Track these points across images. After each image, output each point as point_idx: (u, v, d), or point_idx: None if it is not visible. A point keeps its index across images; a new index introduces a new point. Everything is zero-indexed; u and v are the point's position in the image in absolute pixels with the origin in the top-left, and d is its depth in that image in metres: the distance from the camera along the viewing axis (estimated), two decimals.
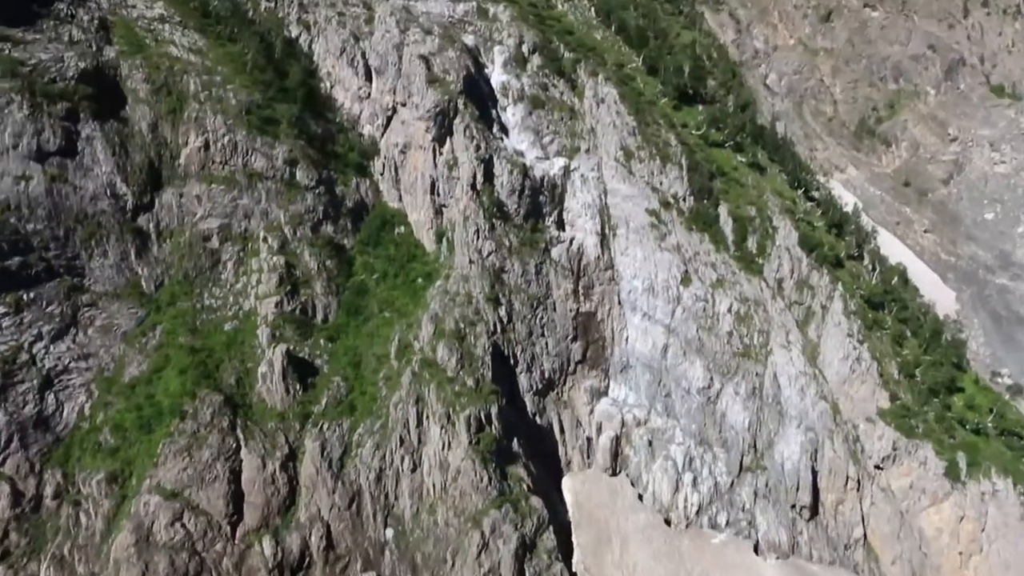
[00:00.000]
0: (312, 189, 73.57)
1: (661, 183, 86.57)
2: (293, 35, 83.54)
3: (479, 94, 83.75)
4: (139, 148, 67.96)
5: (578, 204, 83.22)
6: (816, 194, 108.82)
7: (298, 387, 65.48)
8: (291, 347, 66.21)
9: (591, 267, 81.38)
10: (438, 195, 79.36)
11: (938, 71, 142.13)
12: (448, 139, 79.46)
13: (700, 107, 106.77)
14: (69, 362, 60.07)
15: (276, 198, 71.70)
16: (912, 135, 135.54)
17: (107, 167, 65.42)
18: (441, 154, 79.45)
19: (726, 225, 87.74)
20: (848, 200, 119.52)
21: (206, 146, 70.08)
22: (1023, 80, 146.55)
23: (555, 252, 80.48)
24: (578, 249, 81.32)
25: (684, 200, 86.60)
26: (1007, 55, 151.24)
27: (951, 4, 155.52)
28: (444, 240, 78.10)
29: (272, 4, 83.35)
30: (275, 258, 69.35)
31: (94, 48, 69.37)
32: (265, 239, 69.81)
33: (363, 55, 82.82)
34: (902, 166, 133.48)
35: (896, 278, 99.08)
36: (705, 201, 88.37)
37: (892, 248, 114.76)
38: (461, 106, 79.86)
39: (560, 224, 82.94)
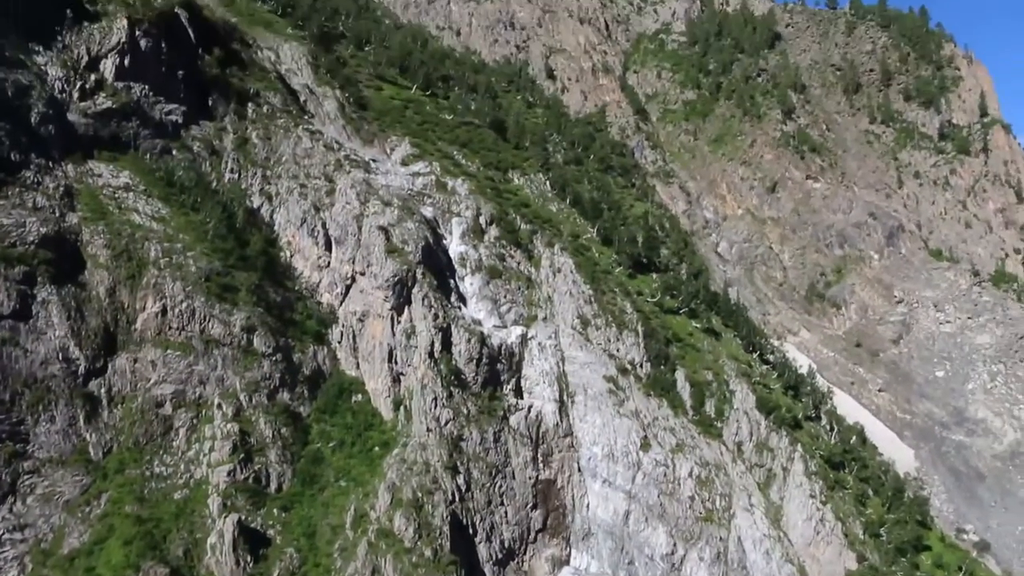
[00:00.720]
0: (269, 356, 73.17)
1: (618, 350, 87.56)
2: (255, 205, 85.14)
3: (437, 264, 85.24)
4: (95, 313, 67.51)
5: (536, 372, 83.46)
6: (771, 357, 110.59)
7: (249, 559, 62.73)
8: (243, 517, 63.92)
9: (550, 434, 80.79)
10: (396, 363, 79.20)
11: (880, 237, 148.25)
12: (406, 308, 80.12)
13: (654, 275, 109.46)
14: (3, 533, 57.30)
15: (232, 365, 71.10)
16: (860, 298, 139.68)
17: (61, 331, 64.68)
18: (399, 323, 79.88)
19: (684, 390, 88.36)
20: (802, 362, 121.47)
21: (163, 312, 69.88)
22: (958, 245, 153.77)
23: (513, 420, 79.96)
24: (537, 416, 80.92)
25: (641, 366, 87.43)
26: (941, 221, 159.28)
27: (887, 175, 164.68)
28: (402, 408, 77.36)
29: (236, 175, 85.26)
30: (229, 425, 67.96)
31: (57, 214, 69.93)
32: (220, 406, 68.66)
33: (323, 225, 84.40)
34: (853, 328, 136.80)
35: (854, 437, 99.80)
36: (662, 367, 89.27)
37: (848, 408, 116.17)
38: (420, 276, 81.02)
39: (518, 392, 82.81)
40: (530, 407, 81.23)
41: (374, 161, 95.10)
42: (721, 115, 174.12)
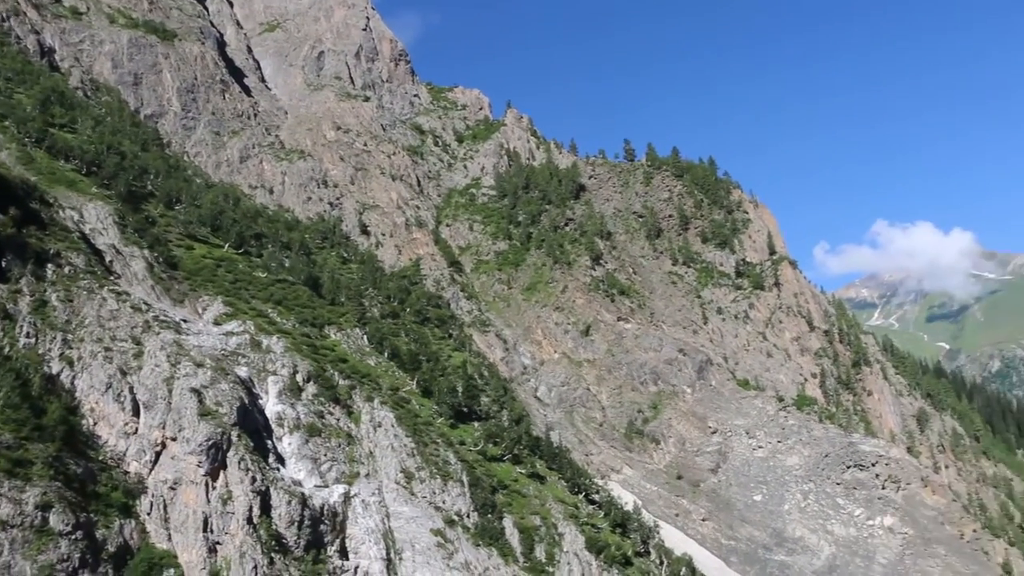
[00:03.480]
0: (67, 535, 67.36)
1: (444, 501, 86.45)
2: (54, 371, 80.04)
3: (254, 425, 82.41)
4: None
5: (361, 530, 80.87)
6: (596, 497, 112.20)
7: None
8: None
9: None
10: (212, 532, 74.77)
11: (691, 372, 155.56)
12: (222, 472, 76.45)
13: (476, 424, 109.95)
14: None
15: (23, 548, 64.95)
16: (677, 431, 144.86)
17: None
18: (215, 488, 75.96)
19: (513, 537, 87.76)
20: (628, 499, 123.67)
21: None
22: (762, 373, 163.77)
23: None
24: None
25: (468, 516, 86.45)
26: (745, 353, 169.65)
27: (692, 313, 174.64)
28: None
29: (32, 340, 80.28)
30: None
31: None
32: None
33: (131, 389, 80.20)
34: (673, 461, 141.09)
35: (684, 568, 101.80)
36: (490, 515, 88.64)
37: (676, 540, 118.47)
38: (235, 438, 77.89)
39: (343, 553, 79.77)
40: (356, 567, 78.18)
41: (185, 321, 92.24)
42: (532, 264, 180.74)
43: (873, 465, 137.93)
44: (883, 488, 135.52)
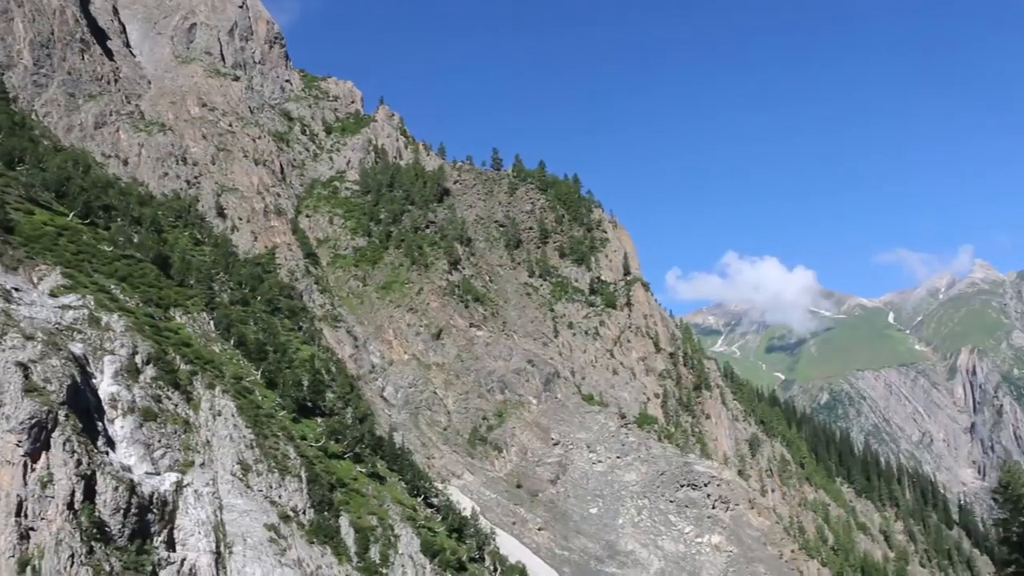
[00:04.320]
0: None
1: (280, 496, 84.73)
2: None
3: (84, 405, 78.53)
4: None
5: (191, 521, 78.28)
6: (435, 500, 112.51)
7: None
8: None
9: None
10: (26, 517, 70.77)
11: (538, 383, 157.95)
12: (44, 454, 72.50)
13: (319, 420, 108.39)
14: None
15: None
16: (520, 441, 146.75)
17: None
18: (34, 470, 71.98)
19: (348, 536, 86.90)
20: (466, 504, 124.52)
21: None
22: (607, 390, 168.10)
23: (164, 575, 73.95)
24: (190, 570, 75.39)
25: (304, 513, 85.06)
26: (592, 368, 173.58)
27: (544, 326, 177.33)
28: (29, 569, 68.85)
29: None
30: None
31: None
32: None
33: None
34: (514, 470, 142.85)
35: None
36: (326, 513, 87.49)
37: (511, 547, 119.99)
38: (62, 418, 74.03)
39: (170, 544, 76.97)
40: (183, 560, 75.62)
41: (17, 290, 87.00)
42: (390, 263, 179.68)
43: (706, 485, 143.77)
44: (713, 508, 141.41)
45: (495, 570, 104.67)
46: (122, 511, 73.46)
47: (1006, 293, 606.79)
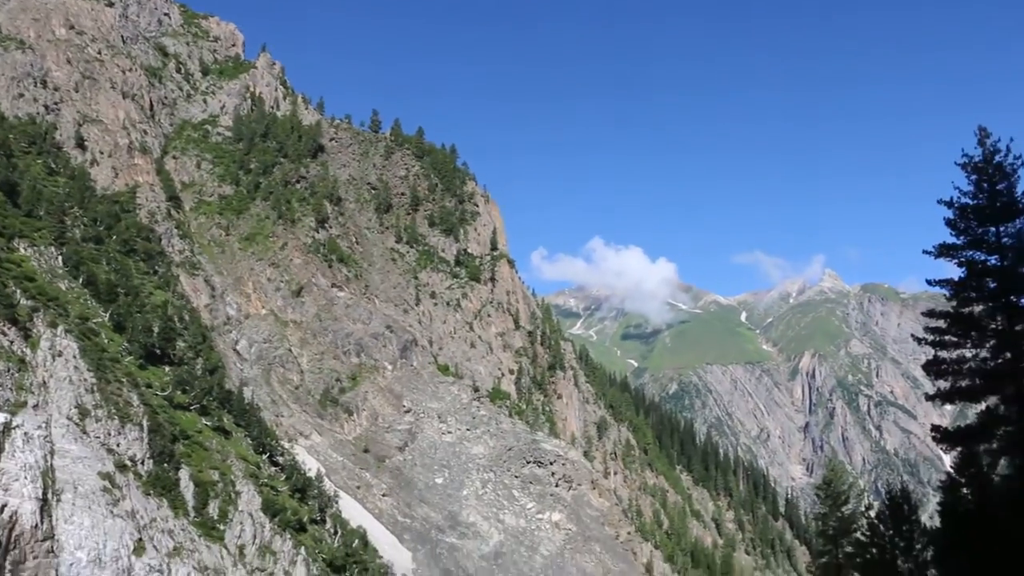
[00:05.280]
0: None
1: (119, 444, 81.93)
2: None
3: None
4: None
5: (17, 466, 74.61)
6: (281, 459, 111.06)
7: None
8: None
9: (25, 538, 72.11)
10: None
11: (395, 349, 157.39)
12: None
13: (167, 368, 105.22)
14: None
15: None
16: (372, 405, 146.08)
17: None
18: None
19: (187, 490, 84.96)
20: (312, 465, 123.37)
21: None
22: (463, 362, 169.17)
23: None
24: (11, 518, 71.83)
25: (143, 463, 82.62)
26: (450, 340, 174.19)
27: (406, 292, 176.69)
28: None
29: None
30: None
31: None
32: None
33: None
34: (363, 434, 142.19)
35: (357, 540, 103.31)
36: (166, 465, 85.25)
37: (353, 511, 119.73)
38: None
39: None
40: (3, 506, 72.10)
41: None
42: (256, 214, 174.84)
43: (551, 463, 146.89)
44: (556, 486, 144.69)
45: (335, 533, 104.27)
46: None
47: (849, 304, 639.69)
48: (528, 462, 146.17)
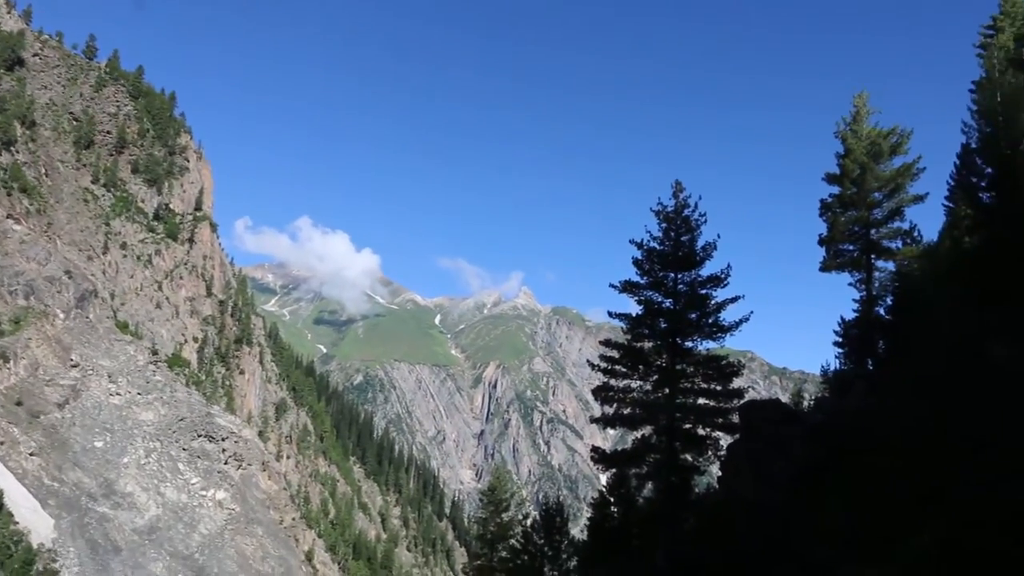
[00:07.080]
0: None
1: None
2: None
3: None
4: None
5: None
6: None
7: None
8: None
9: None
10: None
11: (71, 297, 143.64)
12: None
13: None
14: None
15: None
16: (34, 355, 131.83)
17: None
18: None
19: None
20: None
21: None
22: (145, 322, 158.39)
23: None
24: None
25: None
26: (135, 296, 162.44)
27: (93, 238, 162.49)
28: None
29: None
30: None
31: None
32: None
33: None
34: (17, 384, 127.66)
35: None
36: None
37: None
38: None
39: None
40: None
41: None
42: None
43: (223, 439, 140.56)
44: (225, 463, 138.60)
45: None
46: None
47: (539, 323, 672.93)
48: (199, 435, 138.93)
